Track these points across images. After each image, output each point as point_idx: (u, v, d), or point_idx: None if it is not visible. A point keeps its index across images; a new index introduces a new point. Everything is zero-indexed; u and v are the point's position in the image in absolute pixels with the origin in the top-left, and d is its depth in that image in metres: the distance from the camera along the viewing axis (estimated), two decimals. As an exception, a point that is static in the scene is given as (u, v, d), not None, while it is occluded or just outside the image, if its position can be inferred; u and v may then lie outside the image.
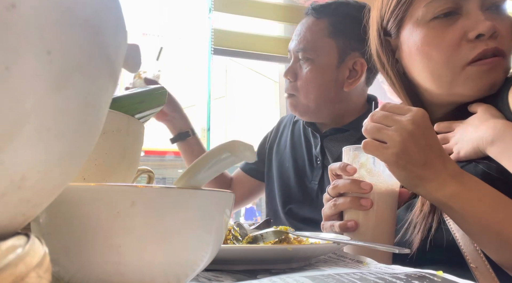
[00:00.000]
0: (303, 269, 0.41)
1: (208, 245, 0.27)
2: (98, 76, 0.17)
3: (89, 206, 0.24)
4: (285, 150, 1.26)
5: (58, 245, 0.24)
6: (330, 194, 0.60)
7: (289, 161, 1.22)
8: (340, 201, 0.58)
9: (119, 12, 0.19)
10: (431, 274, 0.35)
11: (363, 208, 0.56)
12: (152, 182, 0.60)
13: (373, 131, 0.53)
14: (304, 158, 1.19)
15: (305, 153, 1.19)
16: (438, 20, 0.62)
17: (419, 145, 0.51)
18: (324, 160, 1.12)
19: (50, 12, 0.14)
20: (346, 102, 1.10)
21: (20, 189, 0.15)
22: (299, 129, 1.25)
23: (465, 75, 0.61)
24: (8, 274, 0.14)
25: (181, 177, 0.27)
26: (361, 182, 0.56)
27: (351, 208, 0.57)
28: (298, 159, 1.20)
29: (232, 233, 0.51)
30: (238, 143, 0.25)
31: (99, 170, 0.38)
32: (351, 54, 1.07)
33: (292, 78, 1.10)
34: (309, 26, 1.10)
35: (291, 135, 1.27)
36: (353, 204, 0.57)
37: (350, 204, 0.57)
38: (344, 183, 0.58)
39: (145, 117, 0.51)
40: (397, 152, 0.51)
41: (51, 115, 0.15)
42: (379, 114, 0.54)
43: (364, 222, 0.57)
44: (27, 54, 0.14)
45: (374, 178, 0.57)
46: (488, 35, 0.59)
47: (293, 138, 1.26)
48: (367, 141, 0.53)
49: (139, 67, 0.26)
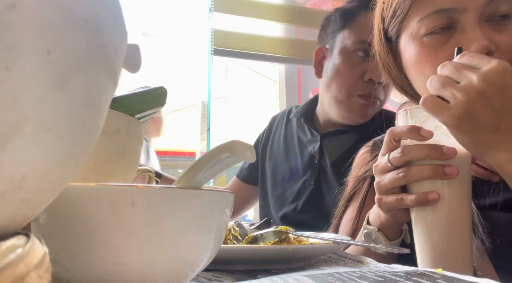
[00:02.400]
0: (303, 269, 0.41)
1: (208, 245, 0.27)
2: (98, 76, 0.17)
3: (89, 206, 0.24)
4: (278, 152, 1.23)
5: (58, 245, 0.24)
6: (393, 163, 0.50)
7: (283, 162, 1.20)
8: (414, 170, 0.48)
9: (119, 12, 0.19)
10: (431, 271, 0.35)
11: (448, 177, 0.46)
12: (152, 182, 0.60)
13: (436, 86, 0.45)
14: (298, 158, 1.16)
15: (299, 153, 1.16)
16: (433, 36, 0.57)
17: (491, 107, 0.42)
18: (322, 160, 1.10)
19: (50, 12, 0.14)
20: None
21: (20, 189, 0.15)
22: (291, 129, 1.23)
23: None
24: (8, 274, 0.14)
25: (181, 177, 0.27)
26: (443, 147, 0.46)
27: (430, 178, 0.47)
28: (292, 159, 1.18)
29: (232, 233, 0.51)
30: (238, 143, 0.25)
31: (99, 170, 0.38)
32: None
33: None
34: None
35: (284, 135, 1.24)
36: (435, 172, 0.46)
37: (430, 172, 0.47)
38: (420, 149, 0.47)
39: (145, 117, 0.51)
40: (460, 114, 0.43)
41: (51, 115, 0.15)
42: (450, 65, 0.45)
43: (443, 195, 0.47)
44: (27, 54, 0.14)
45: (452, 141, 0.47)
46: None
47: (287, 139, 1.23)
48: (427, 96, 0.45)
49: (139, 67, 0.26)
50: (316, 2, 2.12)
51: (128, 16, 0.24)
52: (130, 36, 0.21)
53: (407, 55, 0.62)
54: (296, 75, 2.12)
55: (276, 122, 1.31)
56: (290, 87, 2.09)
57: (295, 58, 2.05)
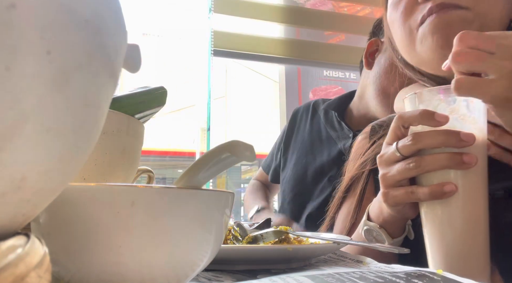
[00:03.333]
0: (303, 269, 0.41)
1: (208, 245, 0.27)
2: (98, 76, 0.17)
3: (89, 206, 0.24)
4: (302, 145, 1.18)
5: (58, 245, 0.24)
6: (403, 152, 0.45)
7: (306, 156, 1.14)
8: (427, 160, 0.43)
9: (119, 12, 0.19)
10: (431, 272, 0.35)
11: (466, 166, 0.41)
12: (152, 182, 0.60)
13: (471, 60, 0.39)
14: (324, 154, 1.11)
15: (326, 149, 1.11)
16: None
17: None
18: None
19: (50, 12, 0.14)
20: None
21: (20, 189, 0.15)
22: (318, 122, 1.18)
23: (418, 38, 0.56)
24: (8, 274, 0.14)
25: (181, 177, 0.27)
26: (460, 132, 0.41)
27: (445, 168, 0.42)
28: (317, 154, 1.13)
29: (232, 233, 0.51)
30: (238, 143, 0.25)
31: (99, 170, 0.38)
32: None
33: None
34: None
35: (310, 129, 1.19)
36: (452, 161, 0.42)
37: (446, 162, 0.42)
38: (434, 135, 0.42)
39: (145, 117, 0.51)
40: (510, 85, 0.37)
41: (51, 115, 0.15)
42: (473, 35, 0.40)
43: (461, 186, 0.43)
44: (27, 54, 0.14)
45: (469, 127, 0.43)
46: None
47: (312, 132, 1.18)
48: (461, 77, 0.39)
49: (139, 67, 0.26)
50: (316, 2, 2.12)
51: (128, 16, 0.24)
52: (130, 36, 0.21)
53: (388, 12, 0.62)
54: (296, 75, 2.12)
55: (300, 115, 1.25)
56: (290, 87, 2.09)
57: (295, 59, 2.05)
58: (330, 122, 1.14)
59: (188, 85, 4.79)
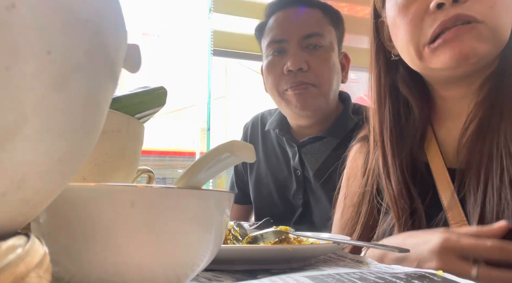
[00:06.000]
0: (303, 269, 0.41)
1: (208, 245, 0.27)
2: (98, 76, 0.17)
3: (89, 206, 0.24)
4: (259, 165, 1.14)
5: (58, 245, 0.24)
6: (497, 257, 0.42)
7: (266, 176, 1.11)
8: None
9: (119, 12, 0.19)
10: (431, 273, 0.35)
11: None
12: (152, 182, 0.60)
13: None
14: (284, 171, 1.08)
15: (284, 166, 1.09)
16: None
17: None
18: (305, 171, 1.03)
19: (50, 12, 0.14)
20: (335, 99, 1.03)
21: (20, 189, 0.15)
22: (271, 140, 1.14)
23: (429, 54, 0.56)
24: (8, 274, 0.14)
25: (181, 177, 0.27)
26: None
27: None
28: (277, 173, 1.10)
29: (232, 233, 0.51)
30: (238, 143, 0.25)
31: (99, 170, 0.38)
32: (339, 45, 1.04)
33: (305, 67, 0.97)
34: (308, 13, 1.00)
35: (263, 147, 1.15)
36: None
37: None
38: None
39: (145, 117, 0.51)
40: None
41: (51, 115, 0.15)
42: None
43: None
44: (27, 54, 0.14)
45: None
46: (449, 2, 0.52)
47: (267, 150, 1.14)
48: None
49: (139, 67, 0.26)
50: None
51: (128, 16, 0.24)
52: (130, 36, 0.21)
53: (389, 16, 0.61)
54: (296, 75, 2.11)
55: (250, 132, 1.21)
56: (290, 87, 2.08)
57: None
58: (279, 139, 1.12)
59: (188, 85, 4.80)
